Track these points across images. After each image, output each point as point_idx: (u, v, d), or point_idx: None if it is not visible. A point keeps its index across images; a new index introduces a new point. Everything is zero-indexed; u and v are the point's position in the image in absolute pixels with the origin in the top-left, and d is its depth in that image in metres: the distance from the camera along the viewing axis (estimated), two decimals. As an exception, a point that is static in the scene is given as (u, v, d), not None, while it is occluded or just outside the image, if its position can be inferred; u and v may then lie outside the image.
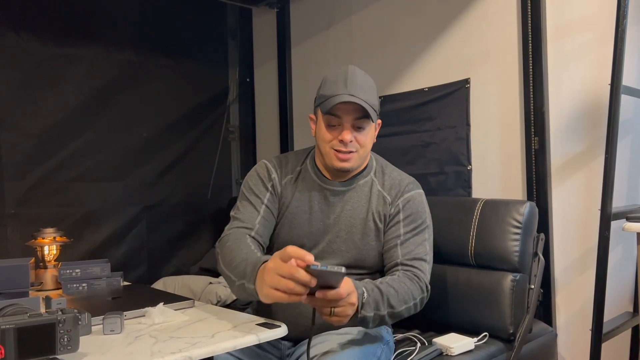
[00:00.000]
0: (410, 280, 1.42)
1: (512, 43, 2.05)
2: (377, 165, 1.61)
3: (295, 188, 1.57)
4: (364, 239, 1.52)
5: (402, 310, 1.37)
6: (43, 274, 1.89)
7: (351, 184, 1.56)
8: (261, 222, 1.51)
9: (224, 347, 1.09)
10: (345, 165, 1.48)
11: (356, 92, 1.42)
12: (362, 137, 1.47)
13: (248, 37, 3.31)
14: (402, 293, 1.37)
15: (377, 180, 1.57)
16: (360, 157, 1.50)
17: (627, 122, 1.91)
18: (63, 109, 2.58)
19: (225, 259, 1.38)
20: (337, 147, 1.46)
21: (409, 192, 1.56)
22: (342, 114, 1.44)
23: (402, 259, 1.47)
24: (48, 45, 2.54)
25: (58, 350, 0.95)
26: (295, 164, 1.61)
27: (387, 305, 1.33)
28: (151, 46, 2.87)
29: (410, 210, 1.53)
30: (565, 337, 1.97)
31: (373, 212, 1.53)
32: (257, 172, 1.59)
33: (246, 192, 1.56)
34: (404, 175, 1.61)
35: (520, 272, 1.76)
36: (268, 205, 1.54)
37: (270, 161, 1.61)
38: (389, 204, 1.54)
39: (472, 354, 1.63)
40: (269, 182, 1.56)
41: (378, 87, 1.55)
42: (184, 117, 3.00)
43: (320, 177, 1.57)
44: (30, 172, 2.49)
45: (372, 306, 1.29)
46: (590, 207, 1.89)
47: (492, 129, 2.12)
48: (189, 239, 3.00)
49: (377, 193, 1.55)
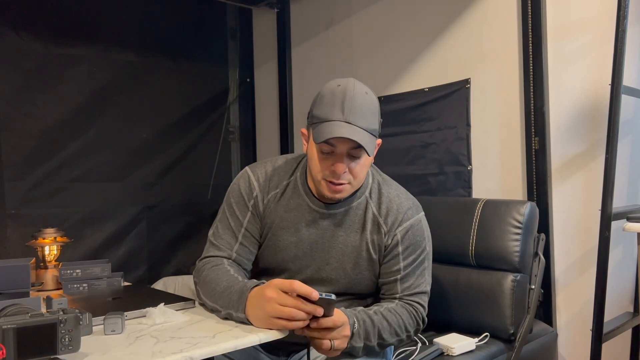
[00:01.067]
0: (408, 313, 1.37)
1: (513, 43, 2.05)
2: (373, 182, 1.46)
3: (281, 206, 1.43)
4: (356, 269, 1.42)
5: (392, 342, 1.34)
6: (44, 274, 1.88)
7: (343, 206, 1.41)
8: (239, 250, 1.42)
9: (225, 347, 1.09)
10: (336, 197, 1.35)
11: (354, 120, 1.27)
12: (357, 167, 1.33)
13: (248, 37, 3.31)
14: (394, 326, 1.33)
15: (372, 202, 1.43)
16: (353, 187, 1.36)
17: (627, 122, 1.91)
18: (63, 109, 2.58)
19: (205, 289, 1.32)
20: (329, 177, 1.32)
21: (408, 220, 1.41)
22: (337, 142, 1.28)
23: (401, 294, 1.40)
24: (48, 46, 2.54)
25: (59, 350, 0.95)
26: (283, 177, 1.46)
27: (378, 337, 1.30)
28: (151, 47, 2.87)
29: (409, 241, 1.41)
30: (566, 337, 1.97)
31: (367, 241, 1.41)
32: (239, 187, 1.45)
33: (227, 210, 1.45)
34: (402, 197, 1.45)
35: (520, 273, 1.76)
36: (248, 229, 1.42)
37: (254, 172, 1.46)
38: (384, 234, 1.40)
39: (473, 354, 1.63)
40: (250, 201, 1.43)
41: (378, 88, 1.53)
42: (184, 118, 3.00)
43: (310, 196, 1.42)
44: (31, 172, 2.49)
45: (362, 337, 1.26)
46: (590, 207, 1.89)
47: (493, 129, 2.12)
48: (189, 239, 3.00)
49: (372, 218, 1.41)
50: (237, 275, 1.32)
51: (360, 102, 1.29)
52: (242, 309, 1.19)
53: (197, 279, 1.38)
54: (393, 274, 1.40)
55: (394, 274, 1.40)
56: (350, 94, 1.28)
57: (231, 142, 3.25)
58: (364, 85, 1.34)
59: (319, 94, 1.34)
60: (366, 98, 1.31)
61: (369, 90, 1.34)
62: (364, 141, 1.26)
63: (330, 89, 1.31)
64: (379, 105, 1.37)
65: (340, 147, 1.29)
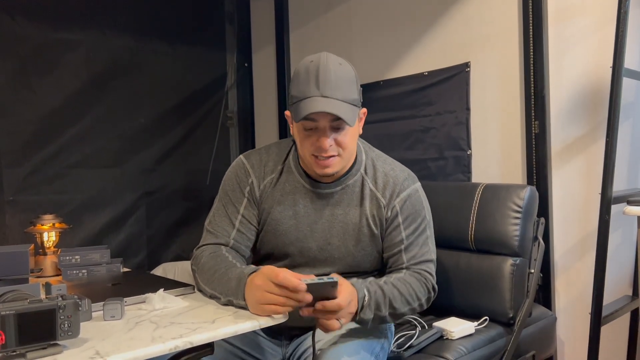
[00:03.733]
0: (417, 281, 1.38)
1: (513, 26, 2.03)
2: (367, 159, 1.46)
3: (278, 191, 1.43)
4: (358, 245, 1.42)
5: (404, 311, 1.34)
6: (42, 261, 1.88)
7: (339, 184, 1.42)
8: (237, 237, 1.41)
9: (224, 332, 1.09)
10: (327, 172, 1.35)
11: (330, 92, 1.26)
12: (342, 138, 1.32)
13: (246, 21, 3.28)
14: (405, 295, 1.33)
15: (368, 178, 1.43)
16: (344, 159, 1.36)
17: (628, 105, 1.90)
18: (60, 95, 2.57)
19: (203, 276, 1.32)
20: (316, 153, 1.32)
21: (404, 190, 1.42)
22: (317, 117, 1.28)
23: (407, 263, 1.40)
24: (44, 31, 2.51)
25: (59, 336, 0.94)
26: (277, 161, 1.46)
27: (389, 306, 1.30)
28: (149, 31, 2.85)
29: (408, 211, 1.41)
30: (565, 321, 1.98)
31: (367, 217, 1.41)
32: (235, 174, 1.46)
33: (223, 198, 1.45)
34: (397, 169, 1.46)
35: (520, 257, 1.76)
36: (245, 215, 1.42)
37: (248, 158, 1.47)
38: (384, 207, 1.41)
39: (472, 338, 1.64)
40: (245, 188, 1.43)
41: (377, 72, 1.52)
42: (182, 103, 2.99)
43: (304, 178, 1.43)
44: (28, 159, 2.48)
45: (372, 308, 1.26)
46: (590, 191, 1.89)
47: (492, 114, 2.11)
48: (188, 225, 3.00)
49: (369, 194, 1.42)
50: (235, 262, 1.32)
51: (334, 74, 1.28)
52: (241, 296, 1.19)
53: (195, 266, 1.38)
54: (397, 245, 1.41)
55: (397, 245, 1.41)
56: (323, 68, 1.28)
57: (230, 127, 3.24)
58: (337, 57, 1.33)
59: (294, 73, 1.34)
60: (341, 69, 1.31)
61: (343, 61, 1.33)
62: (342, 112, 1.26)
63: (304, 65, 1.32)
64: (355, 74, 1.35)
65: (322, 122, 1.29)
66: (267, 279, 1.13)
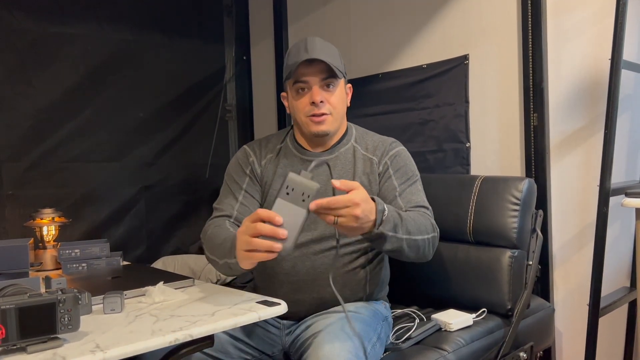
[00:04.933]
0: (422, 216, 1.44)
1: (512, 18, 2.03)
2: (357, 132, 1.62)
3: (277, 165, 1.57)
4: None
5: (418, 239, 1.35)
6: (42, 255, 1.89)
7: (332, 152, 1.56)
8: (240, 209, 1.52)
9: (224, 325, 1.10)
10: (321, 128, 1.49)
11: (317, 54, 1.44)
12: (332, 97, 1.49)
13: (244, 14, 3.27)
14: (418, 222, 1.38)
15: (359, 145, 1.58)
16: (335, 119, 1.51)
17: (627, 97, 1.90)
18: (58, 89, 2.56)
19: (207, 245, 1.41)
20: (311, 111, 1.48)
21: (393, 149, 1.57)
22: (308, 77, 1.47)
23: (405, 207, 1.47)
24: (42, 24, 2.50)
25: (59, 330, 0.95)
26: (276, 143, 1.63)
27: (405, 230, 1.31)
28: (146, 24, 2.84)
29: (399, 164, 1.55)
30: (563, 312, 1.99)
31: (360, 175, 1.53)
32: (237, 159, 1.62)
33: (227, 181, 1.59)
34: (385, 137, 1.62)
35: (518, 249, 1.76)
36: (247, 190, 1.56)
37: (249, 145, 1.64)
38: (376, 164, 1.55)
39: (470, 330, 1.64)
40: (247, 167, 1.58)
41: (376, 65, 1.55)
42: (181, 96, 2.98)
43: (300, 150, 1.58)
44: (27, 153, 2.48)
45: (391, 224, 1.26)
46: (589, 183, 1.89)
47: (491, 106, 2.11)
48: (187, 219, 3.00)
49: (361, 157, 1.56)
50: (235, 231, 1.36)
51: (320, 43, 1.49)
52: (233, 254, 1.22)
53: (202, 239, 1.47)
54: (391, 192, 1.51)
55: (392, 192, 1.51)
56: (310, 39, 1.49)
57: (228, 120, 3.24)
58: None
59: (286, 53, 1.56)
60: (327, 43, 1.52)
61: (329, 42, 1.53)
62: (331, 64, 1.44)
63: (294, 44, 1.54)
64: (339, 52, 1.55)
65: (312, 80, 1.47)
66: (248, 221, 1.14)
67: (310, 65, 1.46)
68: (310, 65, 1.45)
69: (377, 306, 1.56)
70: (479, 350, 1.61)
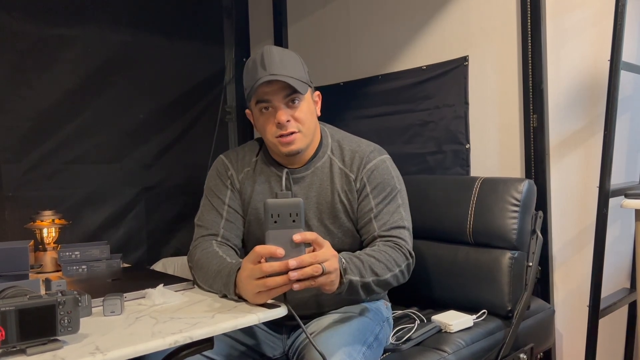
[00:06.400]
0: (391, 248, 1.39)
1: (511, 20, 2.03)
2: (333, 141, 1.53)
3: (254, 181, 1.51)
4: (336, 223, 1.48)
5: (387, 277, 1.34)
6: (42, 257, 1.89)
7: (308, 168, 1.49)
8: (226, 226, 1.48)
9: (224, 327, 1.09)
10: (291, 148, 1.41)
11: (276, 70, 1.35)
12: (298, 113, 1.40)
13: (244, 15, 3.27)
14: (383, 261, 1.33)
15: (335, 158, 1.50)
16: (305, 135, 1.43)
17: (626, 98, 1.90)
18: (58, 90, 2.55)
19: (199, 274, 1.37)
20: (278, 132, 1.40)
21: (370, 161, 1.48)
22: (270, 97, 1.38)
23: (379, 231, 1.43)
24: (41, 26, 2.50)
25: (59, 332, 0.95)
26: (251, 155, 1.55)
27: (371, 272, 1.29)
28: (146, 26, 2.84)
29: (376, 181, 1.47)
30: (563, 314, 1.99)
31: (339, 192, 1.47)
32: (216, 170, 1.56)
33: (208, 195, 1.54)
34: (363, 145, 1.52)
35: (518, 250, 1.76)
36: (230, 205, 1.51)
37: (227, 156, 1.57)
38: (353, 181, 1.48)
39: (470, 331, 1.64)
40: (227, 180, 1.53)
41: (375, 66, 1.53)
42: (181, 98, 2.98)
43: (276, 166, 1.51)
44: (27, 155, 2.48)
45: (354, 272, 1.25)
46: (588, 185, 1.89)
47: (491, 107, 2.11)
48: (187, 220, 2.99)
49: (338, 172, 1.49)
50: (226, 257, 1.35)
51: (279, 56, 1.38)
52: (232, 290, 1.22)
53: (190, 263, 1.43)
54: (367, 214, 1.46)
55: (367, 213, 1.46)
56: (267, 53, 1.38)
57: (228, 122, 3.23)
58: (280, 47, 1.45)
59: (244, 70, 1.45)
60: (284, 52, 1.42)
61: (286, 49, 1.45)
62: (291, 82, 1.35)
63: (251, 59, 1.43)
64: (300, 58, 1.45)
65: (275, 100, 1.39)
66: (249, 264, 1.15)
67: (271, 84, 1.37)
68: (271, 83, 1.37)
69: (378, 306, 1.56)
70: (479, 352, 1.61)
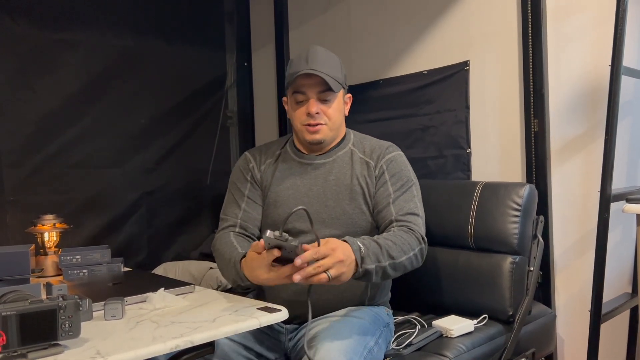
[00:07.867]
0: (407, 233, 1.45)
1: (512, 25, 2.03)
2: (355, 138, 1.67)
3: (275, 169, 1.63)
4: (352, 204, 1.55)
5: (403, 260, 1.39)
6: (43, 261, 1.89)
7: (330, 156, 1.61)
8: (244, 216, 1.60)
9: (225, 331, 1.10)
10: (315, 137, 1.55)
11: (317, 67, 1.49)
12: (328, 109, 1.54)
13: (245, 20, 3.28)
14: (399, 244, 1.39)
15: (356, 149, 1.62)
16: (331, 129, 1.56)
17: (627, 103, 1.90)
18: (60, 95, 2.56)
19: (217, 261, 1.53)
20: (307, 121, 1.54)
21: (389, 154, 1.60)
22: (306, 89, 1.52)
23: (396, 215, 1.51)
24: (44, 31, 2.51)
25: (60, 336, 0.95)
26: (276, 149, 1.68)
27: (387, 256, 1.35)
28: (148, 31, 2.84)
29: (394, 170, 1.58)
30: (565, 319, 1.98)
31: (357, 177, 1.57)
32: (238, 166, 1.68)
33: (231, 189, 1.67)
34: (381, 141, 1.66)
35: (519, 255, 1.76)
36: (249, 196, 1.63)
37: (250, 152, 1.70)
38: (372, 168, 1.58)
39: (471, 336, 1.64)
40: (247, 173, 1.65)
41: (377, 71, 1.55)
42: (182, 103, 2.98)
43: (298, 154, 1.63)
44: (29, 159, 2.48)
45: (372, 259, 1.31)
46: (589, 189, 1.89)
47: (492, 112, 2.11)
48: (188, 225, 3.00)
49: (359, 160, 1.60)
50: (237, 245, 1.47)
51: (322, 54, 1.54)
52: (242, 277, 1.36)
53: (213, 251, 1.57)
54: (385, 199, 1.55)
55: (386, 198, 1.55)
56: (312, 49, 1.54)
57: (230, 127, 3.24)
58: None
59: (289, 61, 1.60)
60: (328, 53, 1.56)
61: (331, 52, 1.58)
62: (328, 79, 1.49)
63: (297, 53, 1.59)
64: (340, 62, 1.60)
65: (309, 93, 1.52)
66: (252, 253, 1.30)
67: (309, 77, 1.50)
68: (309, 77, 1.50)
69: (379, 311, 1.56)
70: (480, 357, 1.61)
